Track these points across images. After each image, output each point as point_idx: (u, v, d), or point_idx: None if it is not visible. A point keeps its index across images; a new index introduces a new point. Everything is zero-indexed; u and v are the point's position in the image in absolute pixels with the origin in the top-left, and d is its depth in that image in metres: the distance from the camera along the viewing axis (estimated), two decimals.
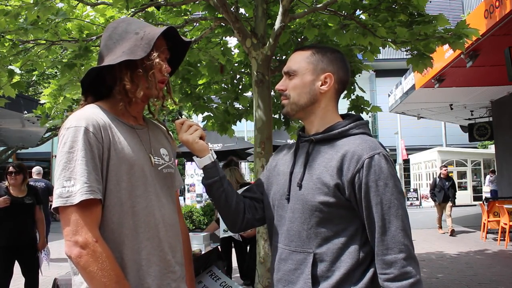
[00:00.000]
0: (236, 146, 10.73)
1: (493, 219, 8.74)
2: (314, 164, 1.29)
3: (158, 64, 1.29)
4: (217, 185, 1.40)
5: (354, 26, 3.76)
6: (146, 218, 1.26)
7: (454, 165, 18.94)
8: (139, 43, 1.28)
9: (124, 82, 1.29)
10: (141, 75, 1.29)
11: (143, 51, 1.26)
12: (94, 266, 1.12)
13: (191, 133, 1.37)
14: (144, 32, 1.30)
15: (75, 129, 1.19)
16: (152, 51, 1.28)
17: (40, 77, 14.58)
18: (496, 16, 5.59)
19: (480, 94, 10.25)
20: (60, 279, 3.03)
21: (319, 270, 1.23)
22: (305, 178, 1.29)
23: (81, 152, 1.16)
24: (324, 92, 1.34)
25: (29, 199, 4.54)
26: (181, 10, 4.38)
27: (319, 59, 1.36)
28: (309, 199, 1.25)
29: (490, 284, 5.45)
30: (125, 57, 1.26)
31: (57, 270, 4.79)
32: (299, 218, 1.27)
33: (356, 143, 1.25)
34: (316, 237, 1.24)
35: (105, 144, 1.22)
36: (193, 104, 5.05)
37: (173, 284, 1.30)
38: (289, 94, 1.37)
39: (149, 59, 1.28)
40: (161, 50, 1.33)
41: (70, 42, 3.92)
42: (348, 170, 1.22)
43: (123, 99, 1.31)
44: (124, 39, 1.31)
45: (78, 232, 1.13)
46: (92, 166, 1.17)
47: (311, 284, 1.22)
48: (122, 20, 1.38)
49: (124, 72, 1.29)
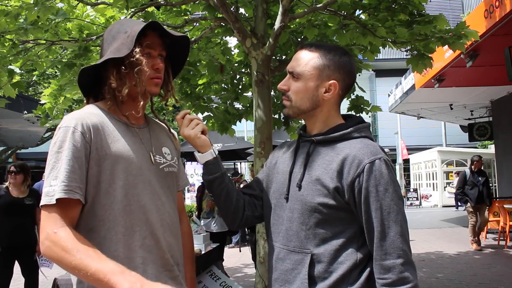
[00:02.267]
0: (236, 146, 10.72)
1: (493, 219, 8.73)
2: (314, 165, 1.29)
3: (140, 60, 1.26)
4: (218, 181, 1.38)
5: (354, 26, 3.76)
6: (143, 217, 1.26)
7: (454, 165, 18.93)
8: (125, 41, 1.27)
9: (110, 81, 1.29)
10: (127, 72, 1.28)
11: (127, 48, 1.25)
12: (56, 254, 1.12)
13: (193, 128, 1.35)
14: (131, 30, 1.29)
15: (65, 129, 1.20)
16: (135, 47, 1.26)
17: (40, 77, 14.58)
18: (496, 16, 5.59)
19: (480, 94, 10.24)
20: (60, 279, 3.03)
21: (316, 271, 1.23)
22: (305, 179, 1.28)
23: (66, 151, 1.17)
24: (327, 99, 1.32)
25: (30, 200, 4.54)
26: (181, 10, 4.38)
27: (325, 64, 1.31)
28: (309, 200, 1.25)
29: (490, 284, 5.45)
30: (110, 55, 1.26)
31: (57, 270, 4.79)
32: (298, 218, 1.27)
33: (357, 147, 1.25)
34: (314, 238, 1.24)
35: (94, 144, 1.22)
36: (193, 104, 5.05)
37: (170, 282, 1.29)
38: (291, 97, 1.34)
39: (132, 56, 1.26)
40: (150, 46, 1.30)
41: (70, 42, 3.92)
42: (348, 174, 1.22)
43: (111, 98, 1.31)
44: (115, 39, 1.31)
45: (43, 229, 1.15)
46: (76, 165, 1.17)
47: (307, 285, 1.22)
48: (118, 22, 1.38)
49: (110, 70, 1.29)
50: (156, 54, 1.32)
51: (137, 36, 1.25)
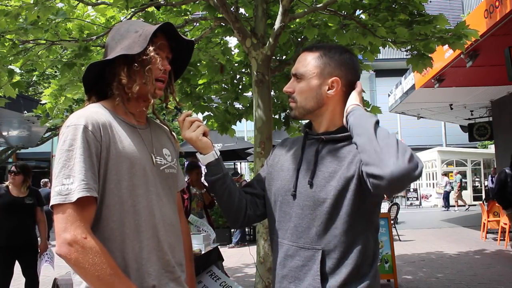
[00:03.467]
0: (236, 146, 10.73)
1: (493, 219, 8.74)
2: (326, 162, 1.30)
3: (154, 58, 1.29)
4: (220, 182, 1.40)
5: (354, 26, 3.76)
6: (147, 218, 1.26)
7: (454, 165, 18.94)
8: (137, 40, 1.29)
9: (120, 77, 1.30)
10: (138, 70, 1.29)
11: (139, 46, 1.27)
12: (85, 261, 1.12)
13: (194, 130, 1.36)
14: (143, 30, 1.31)
15: (75, 127, 1.19)
16: (148, 46, 1.28)
17: (40, 77, 14.59)
18: (496, 16, 5.59)
19: (480, 94, 10.25)
20: (60, 279, 3.03)
21: (327, 267, 1.25)
22: (317, 176, 1.30)
23: (79, 150, 1.17)
24: (332, 96, 1.34)
25: (30, 199, 4.54)
26: (181, 10, 4.38)
27: (326, 62, 1.34)
28: (322, 196, 1.26)
29: (490, 284, 5.45)
30: (123, 51, 1.28)
31: (57, 270, 4.79)
32: (309, 215, 1.28)
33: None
34: (325, 234, 1.26)
35: (104, 143, 1.22)
36: (193, 104, 5.06)
37: (171, 284, 1.30)
38: (296, 98, 1.36)
39: (145, 54, 1.28)
40: (160, 47, 1.33)
41: (70, 42, 3.93)
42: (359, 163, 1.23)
43: (120, 94, 1.31)
44: (125, 38, 1.33)
45: (67, 229, 1.13)
46: (90, 164, 1.17)
47: (320, 281, 1.23)
48: (126, 22, 1.40)
49: (121, 67, 1.30)
50: (164, 56, 1.35)
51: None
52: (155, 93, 1.34)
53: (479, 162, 19.57)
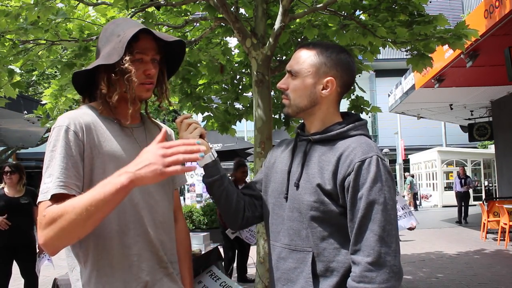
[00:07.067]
0: (236, 146, 10.72)
1: (493, 219, 8.74)
2: (311, 164, 1.29)
3: (128, 69, 1.25)
4: (218, 184, 1.40)
5: (354, 26, 3.76)
6: (136, 215, 1.28)
7: (454, 165, 18.94)
8: (117, 46, 1.27)
9: (100, 86, 1.30)
10: (117, 79, 1.28)
11: (117, 55, 1.25)
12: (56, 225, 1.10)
13: (191, 132, 1.37)
14: (123, 35, 1.28)
15: (58, 128, 1.23)
16: (124, 56, 1.25)
17: (40, 77, 14.58)
18: (496, 16, 5.60)
19: (480, 94, 10.25)
20: (60, 279, 3.03)
21: (318, 269, 1.24)
22: (302, 178, 1.29)
23: (59, 149, 1.20)
24: (325, 96, 1.32)
25: (25, 199, 4.54)
26: (181, 10, 4.38)
27: (322, 61, 1.31)
28: (306, 198, 1.26)
29: (490, 284, 5.45)
30: (101, 61, 1.27)
31: (57, 270, 4.80)
32: (298, 217, 1.28)
33: (351, 147, 1.25)
34: (313, 236, 1.25)
35: (88, 143, 1.24)
36: (193, 104, 5.06)
37: (165, 279, 1.32)
38: (290, 95, 1.35)
39: (122, 63, 1.26)
40: (144, 51, 1.29)
41: (70, 42, 3.93)
42: (340, 173, 1.22)
43: (103, 102, 1.32)
44: (109, 42, 1.31)
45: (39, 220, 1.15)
46: (71, 163, 1.19)
47: (312, 283, 1.23)
48: (113, 22, 1.37)
49: (101, 76, 1.30)
50: (149, 59, 1.31)
51: (130, 40, 1.24)
52: (141, 96, 1.33)
53: (479, 162, 19.58)
